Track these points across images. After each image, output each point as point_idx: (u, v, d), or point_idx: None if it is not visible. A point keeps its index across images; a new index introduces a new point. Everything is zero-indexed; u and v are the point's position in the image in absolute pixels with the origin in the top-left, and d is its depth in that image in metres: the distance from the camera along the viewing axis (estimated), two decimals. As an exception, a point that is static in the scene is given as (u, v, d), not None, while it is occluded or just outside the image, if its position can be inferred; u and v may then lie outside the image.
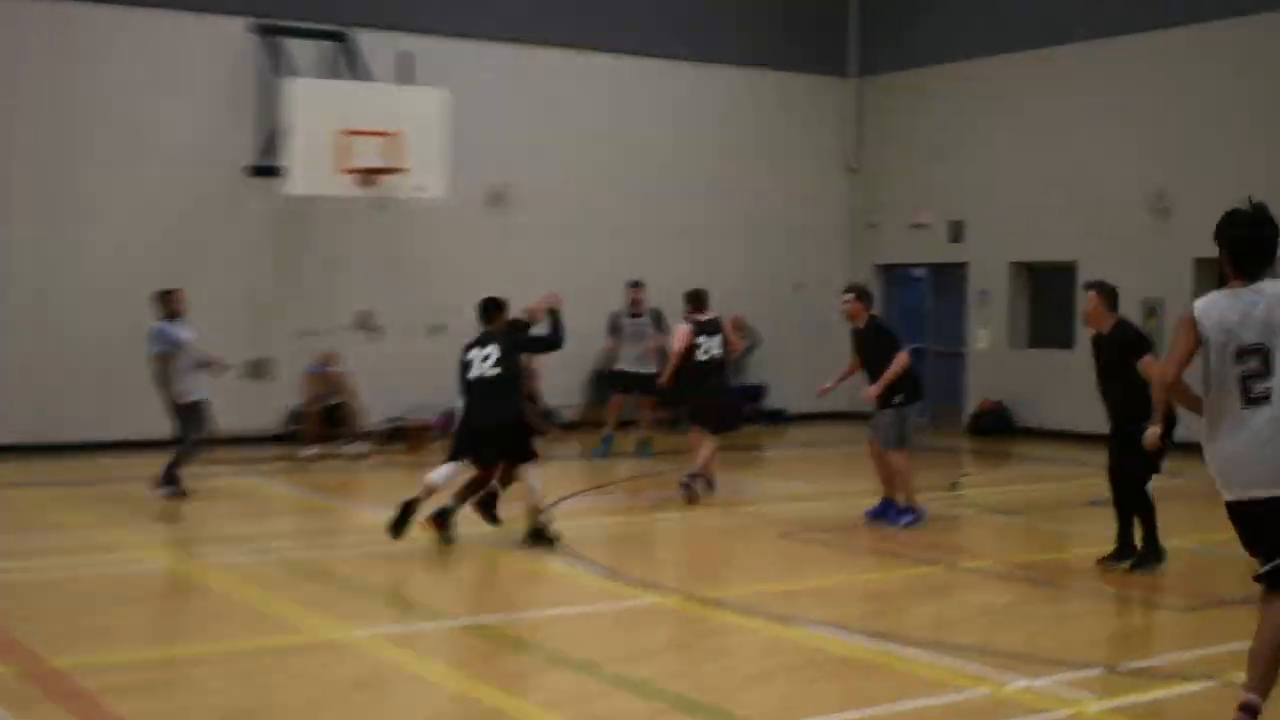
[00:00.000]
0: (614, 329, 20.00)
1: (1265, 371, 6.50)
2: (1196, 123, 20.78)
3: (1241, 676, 6.94)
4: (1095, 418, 20.91)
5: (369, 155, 18.71)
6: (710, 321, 15.59)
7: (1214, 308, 6.64)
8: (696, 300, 15.80)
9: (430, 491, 12.12)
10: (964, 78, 24.12)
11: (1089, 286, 12.16)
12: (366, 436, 19.70)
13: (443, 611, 10.05)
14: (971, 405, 23.82)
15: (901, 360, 13.57)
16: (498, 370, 12.28)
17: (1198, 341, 6.62)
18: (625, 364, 19.60)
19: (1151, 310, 21.02)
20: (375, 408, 20.03)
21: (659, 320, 19.76)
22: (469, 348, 12.52)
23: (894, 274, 25.84)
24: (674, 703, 7.59)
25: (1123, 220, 21.65)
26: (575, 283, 21.61)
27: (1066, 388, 21.61)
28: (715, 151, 24.32)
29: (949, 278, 24.68)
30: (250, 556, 11.95)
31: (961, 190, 24.17)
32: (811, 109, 25.58)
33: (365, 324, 20.85)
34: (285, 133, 18.71)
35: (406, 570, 11.49)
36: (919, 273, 25.49)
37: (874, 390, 13.53)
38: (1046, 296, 23.39)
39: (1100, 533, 12.34)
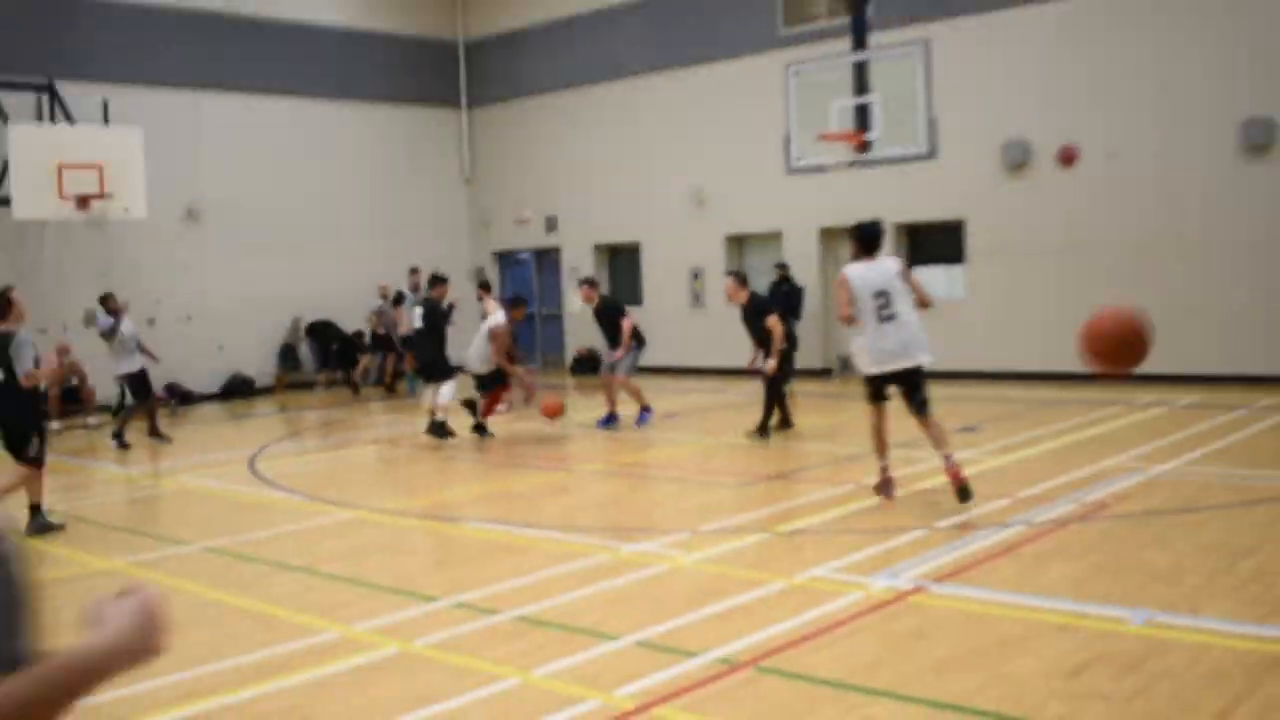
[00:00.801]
0: (397, 305, 21.02)
1: (888, 304, 8.85)
2: (725, 136, 21.21)
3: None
4: (666, 354, 22.02)
5: (82, 184, 17.73)
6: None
7: (856, 272, 8.92)
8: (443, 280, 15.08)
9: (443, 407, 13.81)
10: (551, 105, 24.12)
11: (728, 274, 13.36)
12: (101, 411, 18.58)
13: (183, 539, 9.55)
14: (571, 353, 24.11)
15: (628, 326, 14.33)
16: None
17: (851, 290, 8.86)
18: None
19: (696, 275, 21.72)
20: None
21: (400, 302, 20.85)
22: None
23: (507, 258, 25.76)
24: (382, 588, 7.55)
25: (674, 210, 21.98)
26: (260, 285, 21.44)
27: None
28: (358, 173, 23.76)
29: (548, 259, 24.65)
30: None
31: (554, 192, 24.14)
32: (433, 135, 25.15)
33: (90, 320, 19.44)
34: (6, 169, 17.55)
35: (149, 511, 11.06)
36: (524, 256, 25.45)
37: (619, 353, 14.31)
38: (621, 270, 23.61)
39: (662, 437, 13.14)
